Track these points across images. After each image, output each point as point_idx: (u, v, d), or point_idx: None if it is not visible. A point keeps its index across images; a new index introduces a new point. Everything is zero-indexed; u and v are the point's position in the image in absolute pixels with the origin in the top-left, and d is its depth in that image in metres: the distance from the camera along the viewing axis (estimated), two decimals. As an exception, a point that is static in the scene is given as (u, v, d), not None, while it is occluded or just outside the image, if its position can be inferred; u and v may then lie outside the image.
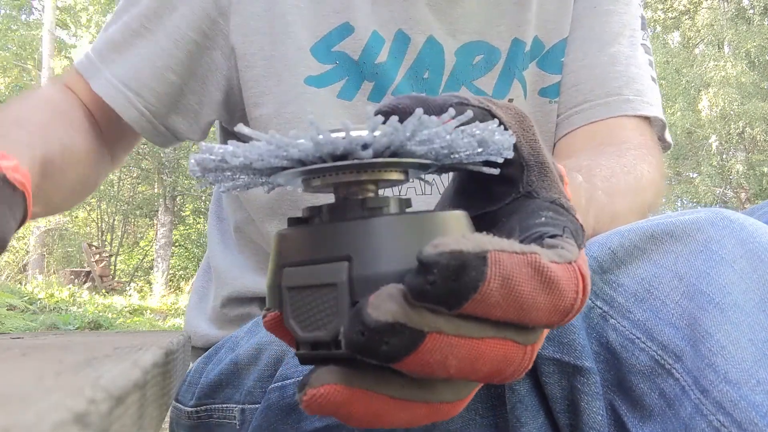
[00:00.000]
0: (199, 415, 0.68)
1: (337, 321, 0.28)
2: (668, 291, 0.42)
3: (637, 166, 0.66)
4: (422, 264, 0.25)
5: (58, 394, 0.17)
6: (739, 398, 0.37)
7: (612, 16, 0.80)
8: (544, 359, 0.43)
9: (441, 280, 0.25)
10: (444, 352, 0.26)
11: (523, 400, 0.44)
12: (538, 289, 0.26)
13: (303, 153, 0.28)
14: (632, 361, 0.42)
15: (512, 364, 0.28)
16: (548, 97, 0.79)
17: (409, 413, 0.29)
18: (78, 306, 6.87)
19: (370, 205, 0.30)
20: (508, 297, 0.26)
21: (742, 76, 12.87)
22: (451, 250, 0.25)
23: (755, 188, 13.32)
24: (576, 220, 0.32)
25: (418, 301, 0.25)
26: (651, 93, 0.79)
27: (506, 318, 0.26)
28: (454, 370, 0.27)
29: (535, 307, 0.26)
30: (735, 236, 0.43)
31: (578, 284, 0.27)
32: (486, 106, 0.34)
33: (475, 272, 0.25)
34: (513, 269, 0.26)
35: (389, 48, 0.73)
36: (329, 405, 0.27)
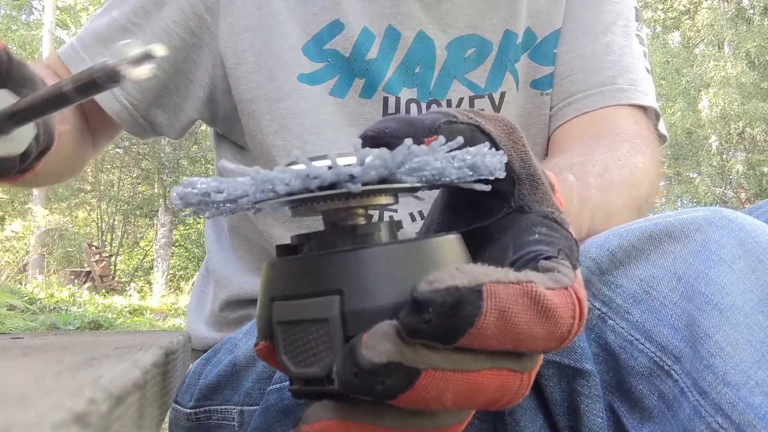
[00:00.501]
0: (198, 417, 0.68)
1: (330, 357, 0.28)
2: (667, 292, 0.42)
3: (631, 158, 0.65)
4: (417, 302, 0.25)
5: (58, 394, 0.17)
6: (738, 400, 0.37)
7: (605, 6, 0.79)
8: (543, 362, 0.42)
9: (436, 317, 0.24)
10: (440, 388, 0.26)
11: (522, 403, 0.44)
12: (535, 318, 0.26)
13: (288, 188, 0.28)
14: (631, 363, 0.41)
15: (510, 392, 0.27)
16: (540, 89, 0.79)
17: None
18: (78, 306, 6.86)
19: (360, 233, 0.30)
20: (504, 329, 0.25)
21: (742, 76, 12.87)
22: (446, 287, 0.24)
23: (755, 188, 13.31)
24: (570, 235, 0.32)
25: (412, 338, 0.25)
26: (645, 83, 0.78)
27: (502, 348, 0.26)
28: (451, 403, 0.26)
29: (532, 337, 0.26)
30: (734, 236, 0.43)
31: (575, 310, 0.27)
32: (475, 122, 0.34)
33: (471, 307, 0.25)
34: (509, 301, 0.25)
35: (380, 44, 0.73)
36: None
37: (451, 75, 0.75)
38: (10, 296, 5.76)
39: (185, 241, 16.13)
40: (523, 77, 0.79)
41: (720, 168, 13.77)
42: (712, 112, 13.26)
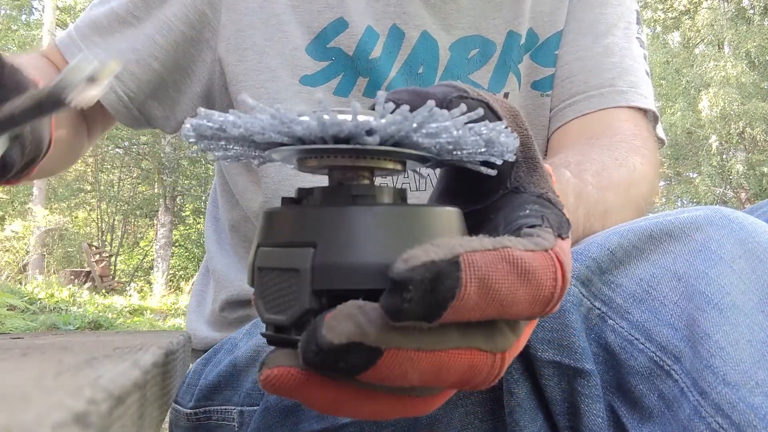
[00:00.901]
0: (198, 417, 0.68)
1: (297, 307, 0.28)
2: (667, 291, 0.42)
3: (629, 158, 0.65)
4: (395, 282, 0.24)
5: (58, 394, 0.17)
6: (738, 400, 0.37)
7: (606, 8, 0.79)
8: (543, 362, 0.42)
9: (418, 295, 0.24)
10: (403, 366, 0.26)
11: (521, 403, 0.43)
12: (516, 282, 0.25)
13: (306, 131, 0.28)
14: (631, 363, 0.41)
15: (480, 372, 0.27)
16: (541, 90, 0.79)
17: (373, 405, 0.28)
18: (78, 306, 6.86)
19: (353, 192, 0.30)
20: (486, 297, 0.25)
21: (742, 76, 12.86)
22: (422, 263, 0.24)
23: (755, 188, 13.31)
24: (561, 213, 0.32)
25: (397, 321, 0.25)
26: (645, 85, 0.78)
27: (487, 317, 0.26)
28: (417, 381, 0.26)
29: (516, 301, 0.26)
30: (734, 236, 0.43)
31: (556, 272, 0.26)
32: (484, 99, 0.34)
33: (450, 279, 0.24)
34: (488, 268, 0.25)
35: (383, 43, 0.73)
36: (283, 387, 0.27)
37: (455, 76, 0.75)
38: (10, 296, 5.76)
39: (185, 241, 16.13)
40: (525, 78, 0.79)
41: (720, 168, 13.77)
42: (712, 112, 13.25)
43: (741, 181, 13.55)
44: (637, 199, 0.63)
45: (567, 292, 0.42)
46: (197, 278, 0.89)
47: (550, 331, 0.42)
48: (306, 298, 0.28)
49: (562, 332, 0.42)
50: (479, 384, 0.27)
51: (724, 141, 13.75)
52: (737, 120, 13.11)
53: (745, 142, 13.77)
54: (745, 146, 13.92)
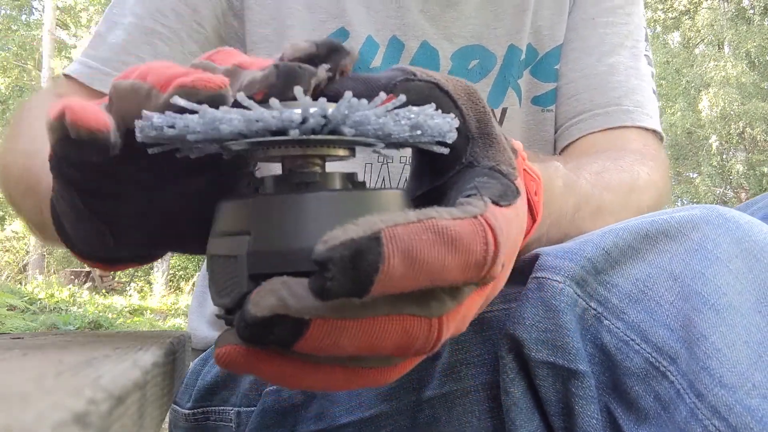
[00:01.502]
0: (196, 418, 0.68)
1: (237, 291, 0.30)
2: (663, 292, 0.42)
3: (634, 167, 0.65)
4: (317, 263, 0.25)
5: (58, 394, 0.17)
6: (735, 402, 0.37)
7: (610, 28, 0.79)
8: (538, 363, 0.42)
9: (339, 273, 0.25)
10: (333, 336, 0.26)
11: (517, 402, 0.43)
12: (444, 251, 0.26)
13: (232, 129, 0.29)
14: (627, 363, 0.41)
15: (416, 338, 0.27)
16: (542, 105, 0.79)
17: (324, 376, 0.29)
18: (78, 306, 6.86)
19: (296, 180, 0.31)
20: (414, 268, 0.25)
21: (742, 77, 12.85)
22: (341, 242, 0.25)
23: (755, 188, 13.29)
24: (510, 182, 0.32)
25: (326, 300, 0.25)
26: (651, 105, 0.78)
27: (421, 286, 0.26)
28: (352, 350, 0.27)
29: (446, 269, 0.26)
30: (730, 235, 0.43)
31: (485, 236, 0.27)
32: (434, 80, 0.34)
33: (371, 255, 0.25)
34: (412, 240, 0.25)
35: (383, 53, 0.73)
36: (232, 363, 0.28)
37: None
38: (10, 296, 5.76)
39: (185, 241, 16.10)
40: (525, 94, 0.78)
41: (720, 168, 13.76)
42: (713, 112, 13.24)
43: (741, 181, 13.54)
44: (638, 205, 0.62)
45: (561, 292, 0.42)
46: (198, 279, 0.89)
47: (544, 332, 0.42)
48: (244, 282, 0.30)
49: (556, 333, 0.42)
50: (420, 350, 0.28)
51: (724, 141, 13.74)
52: (737, 120, 13.10)
53: (745, 142, 13.76)
54: (745, 146, 13.91)
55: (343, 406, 0.54)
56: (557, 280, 0.42)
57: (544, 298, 0.42)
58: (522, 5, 0.77)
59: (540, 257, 0.43)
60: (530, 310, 0.42)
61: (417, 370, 0.51)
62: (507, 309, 0.46)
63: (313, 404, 0.56)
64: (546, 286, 0.42)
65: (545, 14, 0.78)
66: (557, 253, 0.43)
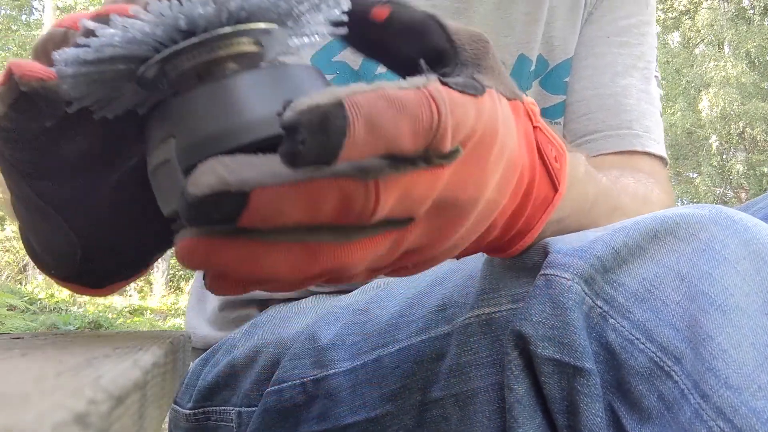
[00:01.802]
0: (197, 418, 0.68)
1: (178, 189, 0.30)
2: (669, 291, 0.42)
3: (647, 184, 0.65)
4: (286, 128, 0.26)
5: (59, 394, 0.17)
6: (740, 404, 0.36)
7: (625, 48, 0.78)
8: (543, 359, 0.42)
9: (310, 136, 0.25)
10: (275, 203, 0.27)
11: (521, 400, 0.43)
12: (397, 115, 0.27)
13: (143, 29, 0.29)
14: (631, 362, 0.41)
15: (356, 200, 0.28)
16: (550, 118, 0.78)
17: (283, 255, 0.29)
18: (78, 306, 6.87)
19: (203, 73, 0.31)
20: (374, 132, 0.26)
21: (742, 77, 12.87)
22: (308, 106, 0.26)
23: (755, 188, 13.31)
24: (477, 82, 0.33)
25: (296, 166, 0.26)
26: (658, 130, 0.78)
27: (378, 153, 0.27)
28: (297, 215, 0.28)
29: (400, 135, 0.27)
30: (738, 236, 0.42)
31: (430, 105, 0.28)
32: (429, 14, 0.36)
33: (337, 119, 0.26)
34: (370, 106, 0.27)
35: None
36: (192, 256, 0.28)
37: None
38: (10, 296, 5.76)
39: (185, 241, 16.12)
40: None
41: (720, 168, 13.78)
42: (713, 112, 13.26)
43: (741, 181, 13.56)
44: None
45: (569, 289, 0.41)
46: (196, 276, 0.88)
47: (551, 329, 0.42)
48: (181, 178, 0.30)
49: (563, 330, 0.41)
50: (359, 215, 0.29)
51: (724, 141, 13.76)
52: (737, 120, 13.12)
53: (745, 142, 13.78)
54: (745, 146, 13.93)
55: (347, 406, 0.54)
56: (566, 277, 0.42)
57: (552, 295, 0.42)
58: (535, 15, 0.76)
59: (549, 255, 0.43)
60: (537, 306, 0.42)
61: (420, 371, 0.51)
62: (515, 309, 0.46)
63: (315, 404, 0.56)
64: (554, 283, 0.42)
65: (558, 25, 0.77)
66: (567, 251, 0.43)
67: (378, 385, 0.53)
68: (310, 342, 0.59)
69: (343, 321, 0.58)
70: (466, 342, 0.48)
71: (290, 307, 0.69)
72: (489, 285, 0.48)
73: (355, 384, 0.54)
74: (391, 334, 0.53)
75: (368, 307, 0.58)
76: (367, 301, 0.59)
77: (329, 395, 0.55)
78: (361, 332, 0.56)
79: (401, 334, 0.53)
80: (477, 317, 0.48)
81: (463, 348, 0.48)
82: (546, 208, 0.42)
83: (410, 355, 0.51)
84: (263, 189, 0.27)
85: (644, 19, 0.81)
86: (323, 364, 0.56)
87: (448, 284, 0.53)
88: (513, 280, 0.47)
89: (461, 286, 0.51)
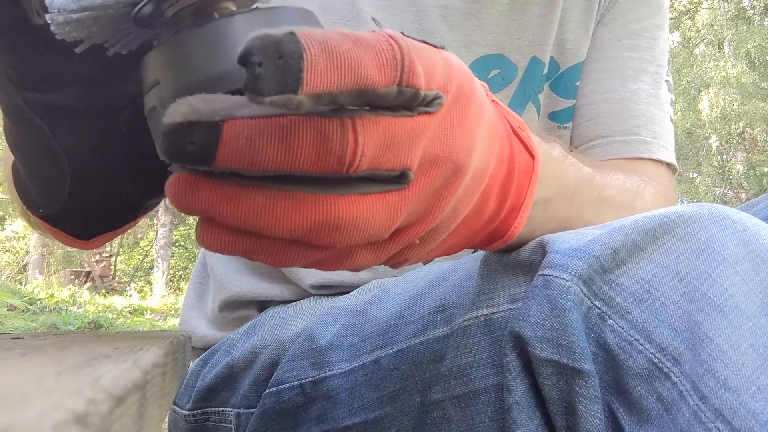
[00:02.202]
0: (196, 419, 0.68)
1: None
2: (668, 292, 0.41)
3: (641, 181, 0.64)
4: (243, 59, 0.26)
5: (58, 394, 0.17)
6: (739, 406, 0.36)
7: (635, 52, 0.78)
8: (542, 361, 0.42)
9: (266, 60, 0.25)
10: (248, 135, 0.27)
11: (519, 401, 0.43)
12: (354, 46, 0.27)
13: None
14: (629, 363, 0.40)
15: (332, 139, 0.28)
16: (558, 122, 0.78)
17: (270, 202, 0.28)
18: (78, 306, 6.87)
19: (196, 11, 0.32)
20: (333, 59, 0.26)
21: (742, 77, 12.86)
22: (257, 36, 0.26)
23: (755, 188, 13.30)
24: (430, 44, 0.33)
25: (260, 95, 0.26)
26: (668, 136, 0.77)
27: (348, 87, 0.27)
28: (273, 155, 0.27)
29: (363, 64, 0.27)
30: (738, 236, 0.42)
31: (387, 40, 0.28)
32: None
33: (291, 44, 0.26)
34: (324, 35, 0.27)
35: None
36: (179, 194, 0.28)
37: None
38: (10, 296, 5.76)
39: (185, 241, 16.13)
40: (543, 108, 0.77)
41: (720, 168, 13.76)
42: (713, 112, 13.25)
43: (741, 182, 13.55)
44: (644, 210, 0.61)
45: (568, 290, 0.41)
46: (195, 271, 0.88)
47: (549, 330, 0.42)
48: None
49: (562, 331, 0.41)
50: (339, 159, 0.28)
51: (725, 141, 13.75)
52: (737, 120, 13.11)
53: (745, 142, 13.76)
54: (745, 146, 13.92)
55: (346, 408, 0.54)
56: (564, 278, 0.41)
57: (550, 296, 0.42)
58: (548, 17, 0.75)
59: (548, 255, 0.43)
60: (536, 307, 0.42)
61: (419, 373, 0.51)
62: (513, 309, 0.46)
63: (314, 406, 0.56)
64: (553, 283, 0.42)
65: (571, 27, 0.77)
66: (565, 251, 0.43)
67: (377, 386, 0.53)
68: (309, 343, 0.59)
69: (341, 322, 0.58)
70: (466, 344, 0.48)
71: (289, 308, 0.69)
72: (487, 285, 0.48)
73: (353, 385, 0.54)
74: (390, 336, 0.53)
75: (366, 308, 0.58)
76: (365, 302, 0.59)
77: (328, 397, 0.55)
78: (359, 333, 0.56)
79: (400, 336, 0.53)
80: (476, 318, 0.48)
81: (462, 350, 0.48)
82: (530, 177, 0.42)
83: (409, 357, 0.51)
84: (235, 120, 0.27)
85: (656, 23, 0.80)
86: (322, 365, 0.56)
87: (446, 284, 0.53)
88: (511, 280, 0.47)
89: (459, 286, 0.51)
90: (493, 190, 0.39)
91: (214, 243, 0.30)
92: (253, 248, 0.30)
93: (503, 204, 0.41)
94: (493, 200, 0.39)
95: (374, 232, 0.31)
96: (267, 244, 0.30)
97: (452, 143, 0.33)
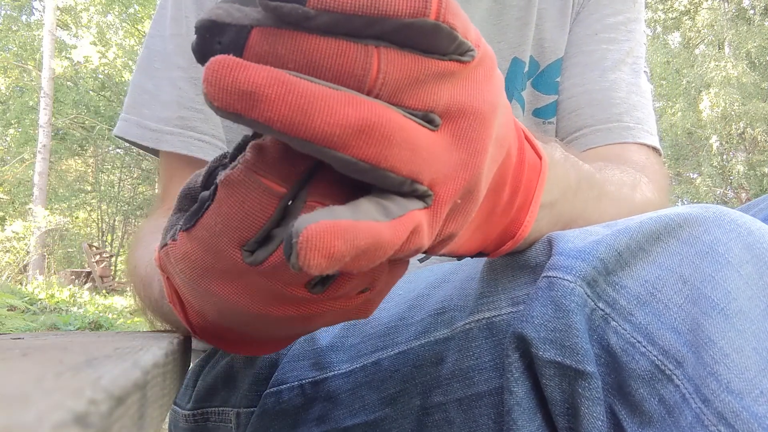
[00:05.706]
0: (196, 419, 0.68)
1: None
2: (671, 294, 0.41)
3: (636, 174, 0.64)
4: None
5: (59, 394, 0.17)
6: (742, 409, 0.36)
7: (613, 44, 0.79)
8: (545, 362, 0.42)
9: None
10: (271, 43, 0.27)
11: (520, 402, 0.43)
12: None
13: None
14: (632, 366, 0.40)
15: (353, 61, 0.27)
16: (543, 117, 0.79)
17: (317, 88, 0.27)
18: (78, 306, 6.87)
19: None
20: None
21: (742, 77, 12.86)
22: None
23: (756, 189, 13.30)
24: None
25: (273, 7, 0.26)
26: (651, 121, 0.78)
27: (360, 10, 0.26)
28: (293, 64, 0.27)
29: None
30: (742, 240, 0.42)
31: None
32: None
33: None
34: None
35: None
36: (228, 70, 0.26)
37: None
38: (10, 297, 5.76)
39: (186, 242, 16.10)
40: (527, 106, 0.79)
41: (721, 168, 13.77)
42: (713, 113, 13.25)
43: (741, 182, 13.55)
44: (643, 200, 0.61)
45: (572, 292, 0.41)
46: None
47: (552, 331, 0.41)
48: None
49: (566, 333, 0.41)
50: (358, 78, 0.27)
51: (725, 141, 13.76)
52: (738, 120, 13.11)
53: (745, 142, 13.77)
54: (745, 147, 13.92)
55: (346, 409, 0.54)
56: (568, 279, 0.41)
57: (554, 297, 0.41)
58: (525, 18, 0.77)
59: (552, 257, 0.43)
60: (539, 309, 0.42)
61: (420, 375, 0.51)
62: (515, 312, 0.46)
63: (314, 406, 0.56)
64: (557, 285, 0.42)
65: (548, 27, 0.78)
66: (570, 252, 0.43)
67: (377, 388, 0.53)
68: (309, 343, 0.59)
69: (342, 323, 0.58)
70: (468, 347, 0.48)
71: (290, 308, 0.69)
72: (488, 287, 0.48)
73: (354, 386, 0.54)
74: (390, 337, 0.53)
75: None
76: (366, 303, 0.59)
77: (328, 397, 0.55)
78: (360, 334, 0.56)
79: (400, 338, 0.53)
80: (477, 322, 0.48)
81: (464, 353, 0.48)
82: (538, 176, 0.41)
83: (409, 359, 0.51)
84: (263, 28, 0.27)
85: (631, 16, 0.81)
86: (322, 366, 0.56)
87: (447, 286, 0.53)
88: (512, 282, 0.47)
89: (460, 288, 0.51)
90: (508, 173, 0.38)
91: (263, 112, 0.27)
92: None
93: (515, 194, 0.40)
94: (508, 187, 0.39)
95: (417, 152, 0.29)
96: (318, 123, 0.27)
97: (480, 96, 0.31)
